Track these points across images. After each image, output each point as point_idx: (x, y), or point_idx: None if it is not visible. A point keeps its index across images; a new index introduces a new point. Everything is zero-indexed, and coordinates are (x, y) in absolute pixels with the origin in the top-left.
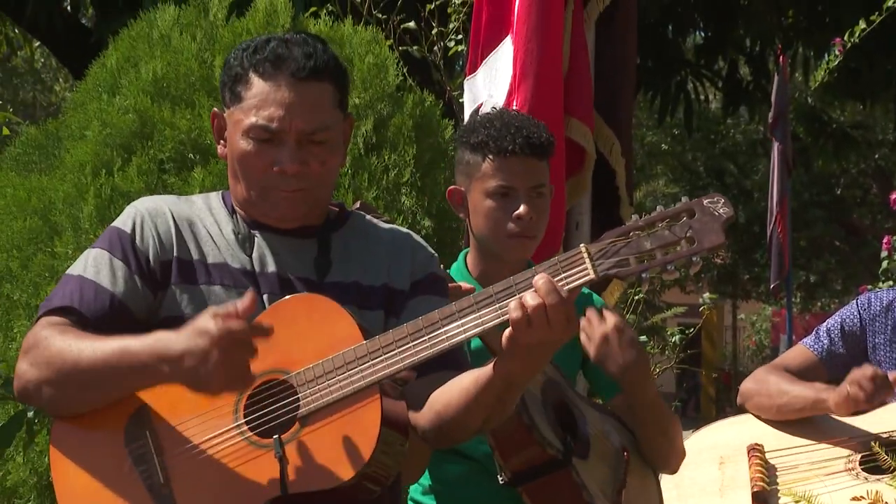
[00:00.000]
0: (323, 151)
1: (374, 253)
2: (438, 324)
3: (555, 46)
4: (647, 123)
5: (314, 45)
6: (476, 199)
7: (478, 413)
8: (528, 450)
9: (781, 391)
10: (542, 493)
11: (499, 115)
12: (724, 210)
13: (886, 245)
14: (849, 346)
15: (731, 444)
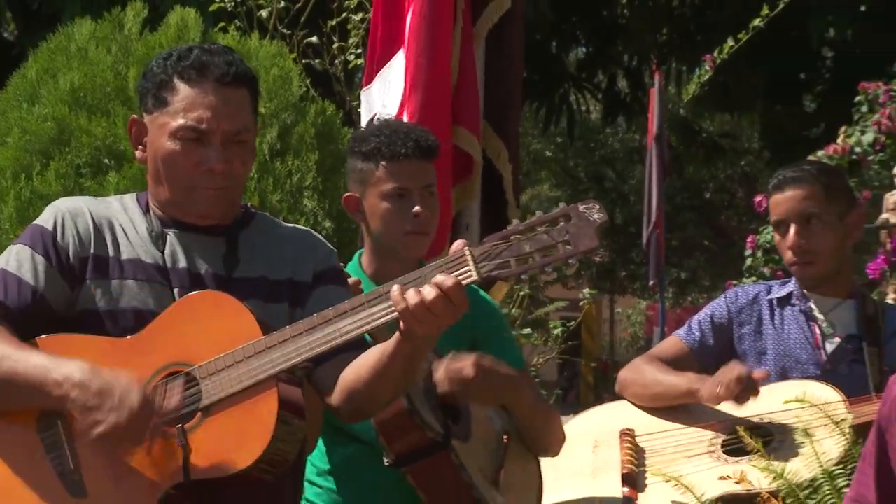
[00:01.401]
0: (244, 152)
1: (279, 249)
2: (333, 321)
3: (443, 61)
4: (532, 132)
5: (232, 54)
6: (372, 202)
7: (387, 386)
8: (410, 434)
9: (656, 381)
10: (425, 474)
11: (386, 123)
12: (598, 215)
13: (751, 245)
14: (718, 336)
15: (604, 429)
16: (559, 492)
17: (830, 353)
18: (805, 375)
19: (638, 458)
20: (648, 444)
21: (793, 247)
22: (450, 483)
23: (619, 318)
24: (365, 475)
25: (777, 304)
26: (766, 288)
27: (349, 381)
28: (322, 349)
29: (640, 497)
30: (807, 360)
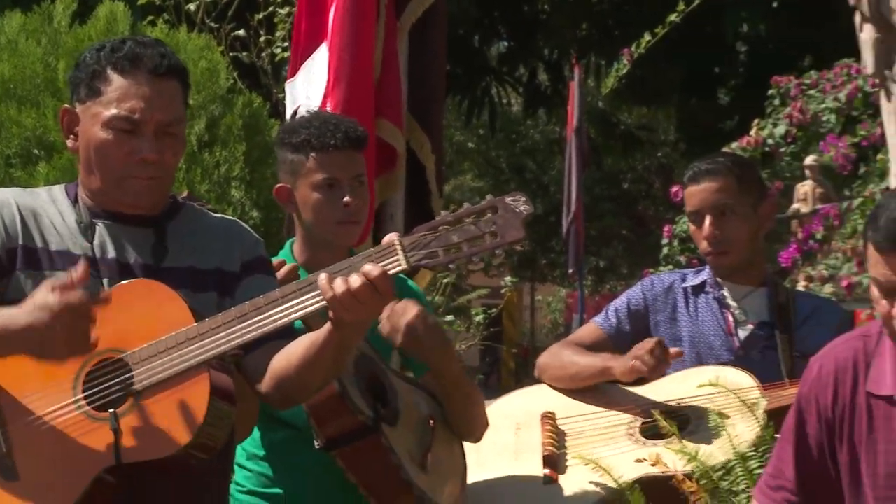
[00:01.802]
0: (175, 143)
1: (207, 239)
2: (264, 308)
3: (367, 54)
4: (455, 124)
5: (164, 47)
6: (304, 193)
7: (317, 373)
8: (341, 417)
9: (573, 362)
10: (354, 457)
11: (315, 115)
12: (524, 207)
13: (667, 234)
14: (634, 323)
15: (526, 412)
16: (482, 472)
17: (743, 339)
18: (719, 361)
19: (558, 440)
20: (569, 426)
21: (708, 237)
22: (379, 465)
23: (540, 306)
24: (296, 459)
25: (691, 292)
26: (680, 276)
27: (279, 368)
28: (253, 336)
29: (561, 478)
30: (720, 346)
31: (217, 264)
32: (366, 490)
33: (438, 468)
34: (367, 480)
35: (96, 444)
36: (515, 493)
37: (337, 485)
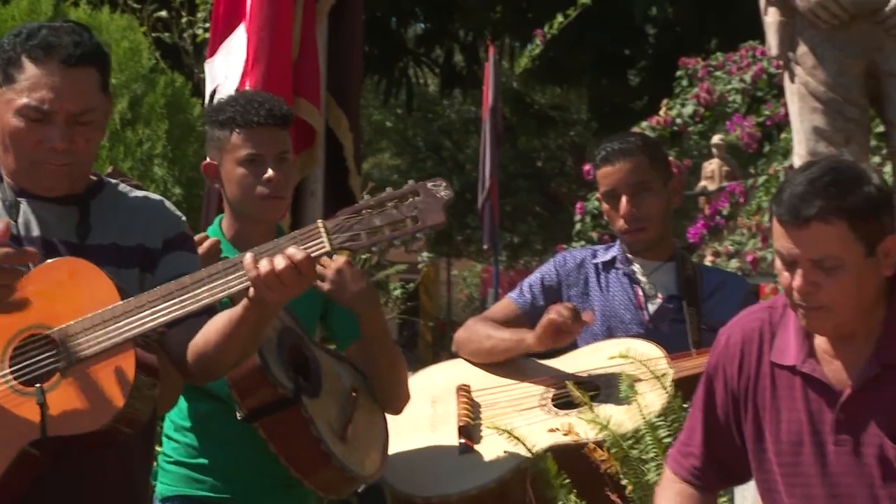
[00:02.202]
0: (88, 130)
1: (129, 217)
2: (189, 287)
3: (285, 35)
4: (373, 104)
5: (81, 34)
6: (228, 169)
7: (234, 349)
8: (261, 390)
9: (489, 336)
10: (275, 428)
11: (242, 94)
12: (444, 192)
13: (580, 211)
14: (548, 299)
15: (442, 385)
16: (400, 444)
17: (652, 313)
18: (629, 334)
19: (474, 411)
20: (484, 398)
21: (626, 215)
22: (299, 436)
23: (456, 280)
24: (220, 430)
25: (602, 267)
26: (591, 252)
27: (199, 344)
28: (178, 314)
29: (476, 447)
30: (630, 320)
31: (139, 241)
32: (287, 460)
33: (359, 439)
34: (288, 451)
35: (23, 418)
36: (432, 463)
37: (260, 455)
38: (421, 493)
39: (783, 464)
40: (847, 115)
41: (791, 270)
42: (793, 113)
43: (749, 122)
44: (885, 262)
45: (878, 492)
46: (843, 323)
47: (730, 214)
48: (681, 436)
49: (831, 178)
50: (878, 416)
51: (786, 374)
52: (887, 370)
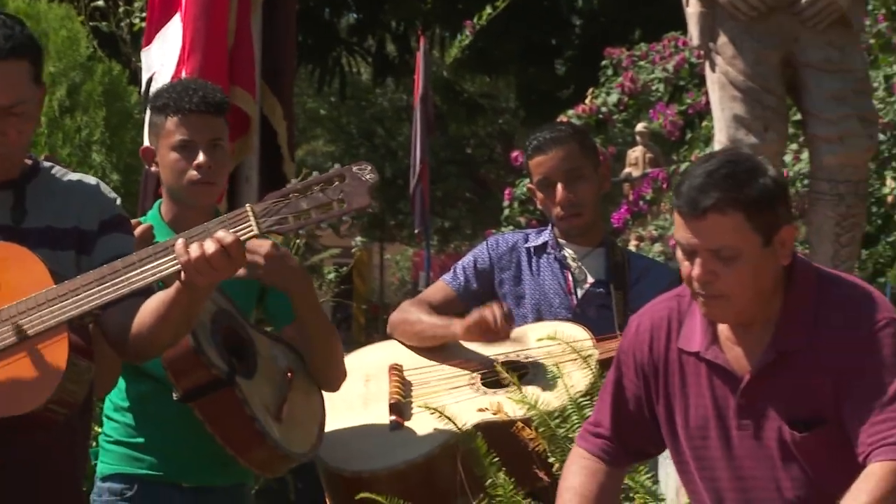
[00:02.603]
0: (20, 122)
1: (65, 200)
2: (122, 271)
3: (220, 25)
4: (308, 92)
5: (13, 27)
6: (163, 154)
7: (167, 330)
8: (196, 371)
9: (421, 321)
10: (210, 408)
11: (180, 81)
12: (370, 176)
13: (508, 196)
14: (480, 281)
15: (375, 364)
16: (332, 420)
17: (581, 297)
18: (558, 318)
19: (405, 390)
20: (415, 377)
21: (562, 202)
22: (234, 416)
23: (388, 264)
24: (157, 410)
25: (534, 252)
26: (524, 236)
27: (134, 325)
28: (111, 298)
29: (407, 424)
30: (559, 304)
31: (75, 223)
32: (222, 440)
33: (294, 418)
34: (223, 431)
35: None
36: (363, 439)
37: (197, 434)
38: (351, 468)
39: (693, 447)
40: (765, 104)
41: (691, 260)
42: (714, 102)
43: (671, 111)
44: (782, 251)
45: (779, 473)
46: (741, 311)
47: (653, 200)
48: (592, 416)
49: (728, 171)
50: (776, 401)
51: (692, 361)
52: (783, 356)
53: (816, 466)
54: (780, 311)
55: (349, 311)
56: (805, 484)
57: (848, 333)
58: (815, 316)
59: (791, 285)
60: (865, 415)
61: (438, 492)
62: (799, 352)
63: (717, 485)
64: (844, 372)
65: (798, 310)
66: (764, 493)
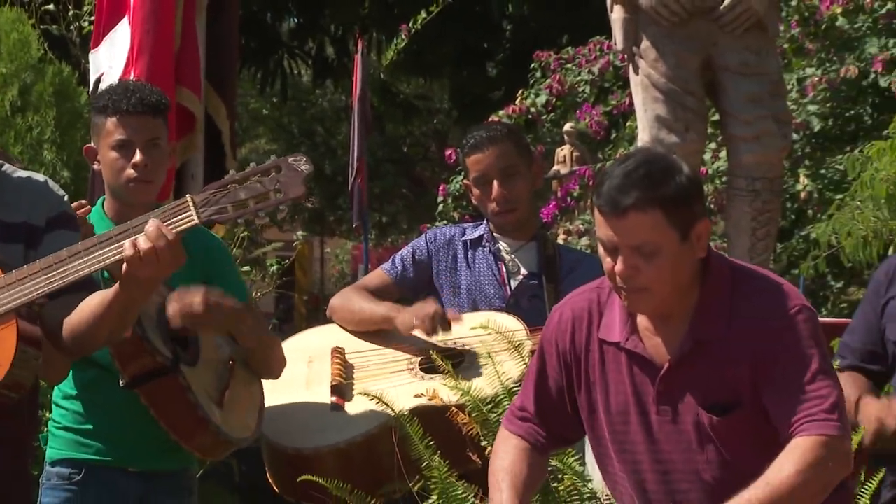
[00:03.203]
0: None
1: (15, 196)
2: (66, 260)
3: (167, 29)
4: (251, 93)
5: None
6: (104, 153)
7: (104, 328)
8: (142, 358)
9: (360, 307)
10: (155, 394)
11: (121, 83)
12: (304, 167)
13: (442, 192)
14: (417, 271)
15: (318, 347)
16: (277, 399)
17: (514, 288)
18: (492, 308)
19: (346, 372)
20: (356, 360)
21: (498, 198)
22: (177, 403)
23: (329, 257)
24: (104, 396)
25: (470, 245)
26: (460, 230)
27: (72, 320)
28: (58, 285)
29: (347, 405)
30: (494, 295)
31: (24, 218)
32: (166, 425)
33: (235, 404)
34: (167, 417)
35: None
36: (305, 418)
37: (142, 420)
38: (293, 445)
39: (613, 432)
40: (686, 105)
41: (613, 256)
42: (637, 103)
43: (597, 112)
44: (698, 245)
45: (697, 456)
46: (661, 303)
47: (580, 196)
48: (515, 400)
49: (645, 171)
50: (693, 388)
51: (612, 350)
52: (701, 345)
53: (732, 448)
54: (697, 303)
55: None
56: (721, 465)
57: (763, 323)
58: (731, 307)
59: (707, 278)
60: (787, 396)
61: (377, 471)
62: (715, 341)
63: (637, 468)
64: (762, 359)
65: (714, 301)
66: (682, 475)
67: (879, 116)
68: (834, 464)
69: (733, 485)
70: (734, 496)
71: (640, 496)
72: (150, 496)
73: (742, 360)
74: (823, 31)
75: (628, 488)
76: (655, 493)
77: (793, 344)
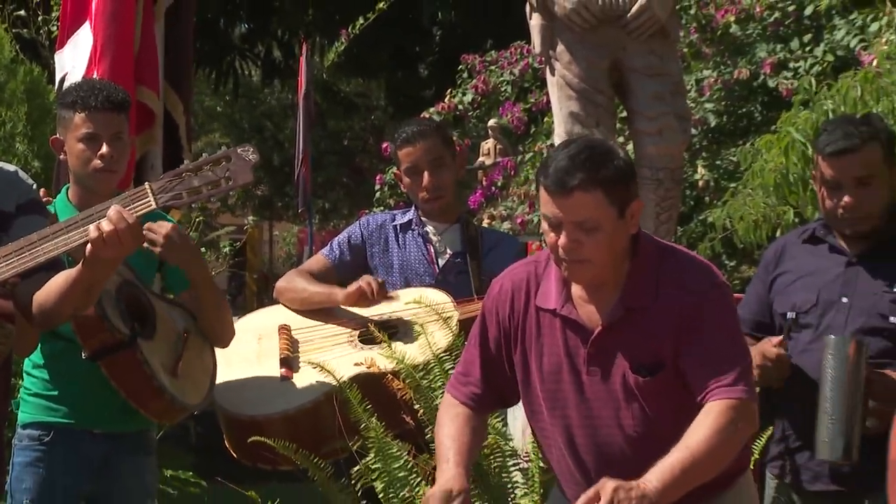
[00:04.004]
0: None
1: None
2: (36, 243)
3: (127, 32)
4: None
5: None
6: (71, 144)
7: (69, 304)
8: (101, 334)
9: (304, 289)
10: (114, 367)
11: (87, 81)
12: (252, 156)
13: (379, 182)
14: (353, 254)
15: (266, 326)
16: (231, 373)
17: (442, 266)
18: (423, 284)
19: (293, 346)
20: (302, 335)
21: (427, 186)
22: (134, 374)
23: (277, 240)
24: (69, 367)
25: (400, 229)
26: (391, 216)
27: (41, 296)
28: (29, 265)
29: (294, 376)
30: (423, 272)
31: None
32: (125, 394)
33: (189, 374)
34: (126, 386)
35: None
36: (257, 388)
37: (103, 388)
38: (248, 413)
39: (546, 390)
40: (596, 102)
41: (557, 231)
42: (553, 101)
43: (518, 109)
44: (632, 222)
45: (622, 412)
46: (598, 273)
47: (503, 185)
48: (458, 367)
49: (588, 154)
50: (622, 350)
51: (548, 316)
52: (630, 312)
53: (653, 406)
54: (628, 274)
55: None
56: (643, 421)
57: (686, 295)
58: (657, 280)
59: (636, 252)
60: (702, 364)
61: (322, 434)
62: (644, 309)
63: (567, 421)
64: (684, 328)
65: (642, 273)
66: (608, 430)
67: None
68: (743, 423)
69: (651, 437)
70: (653, 451)
71: (569, 447)
72: (113, 456)
73: (666, 327)
74: (718, 37)
75: (557, 441)
76: (583, 444)
77: (710, 316)
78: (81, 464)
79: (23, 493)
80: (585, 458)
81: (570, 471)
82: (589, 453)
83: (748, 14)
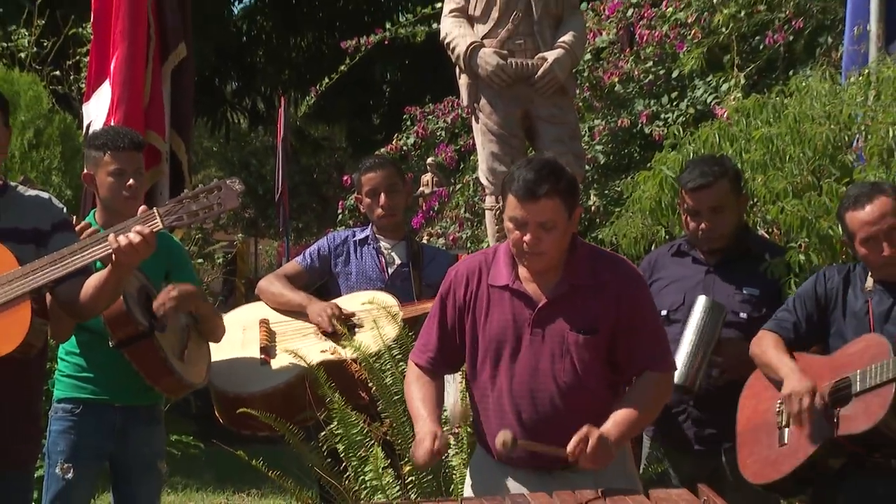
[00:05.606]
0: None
1: (27, 209)
2: (68, 255)
3: (139, 88)
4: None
5: None
6: (102, 178)
7: (103, 297)
8: (126, 326)
9: (282, 293)
10: (136, 353)
11: (112, 128)
12: (239, 186)
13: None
14: (321, 262)
15: (249, 318)
16: (220, 357)
17: (391, 274)
18: (375, 288)
19: (271, 336)
20: (278, 328)
21: (384, 206)
22: (153, 359)
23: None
24: (98, 354)
25: (359, 243)
26: (352, 233)
27: (84, 293)
28: (62, 274)
29: (272, 361)
30: (376, 279)
31: (34, 225)
32: (143, 373)
33: (191, 359)
34: (144, 367)
35: None
36: (241, 370)
37: (124, 370)
38: (234, 390)
39: (492, 349)
40: (511, 145)
41: (522, 230)
42: (478, 143)
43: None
44: (575, 223)
45: (557, 366)
46: (550, 261)
47: (439, 209)
48: (419, 339)
49: (550, 169)
50: (563, 316)
51: (498, 291)
52: (574, 288)
53: (582, 363)
54: (567, 261)
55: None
56: (573, 375)
57: (621, 282)
58: (593, 266)
59: (574, 246)
60: (635, 342)
61: (295, 407)
62: (583, 286)
63: (511, 373)
64: (624, 311)
65: (579, 260)
66: (545, 382)
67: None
68: (666, 392)
69: (577, 389)
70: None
71: (508, 396)
72: (130, 424)
73: (603, 303)
74: (606, 94)
75: (496, 394)
76: (519, 392)
77: (643, 300)
78: (105, 430)
79: (58, 455)
80: (520, 402)
81: (504, 413)
82: (524, 398)
83: (629, 76)
